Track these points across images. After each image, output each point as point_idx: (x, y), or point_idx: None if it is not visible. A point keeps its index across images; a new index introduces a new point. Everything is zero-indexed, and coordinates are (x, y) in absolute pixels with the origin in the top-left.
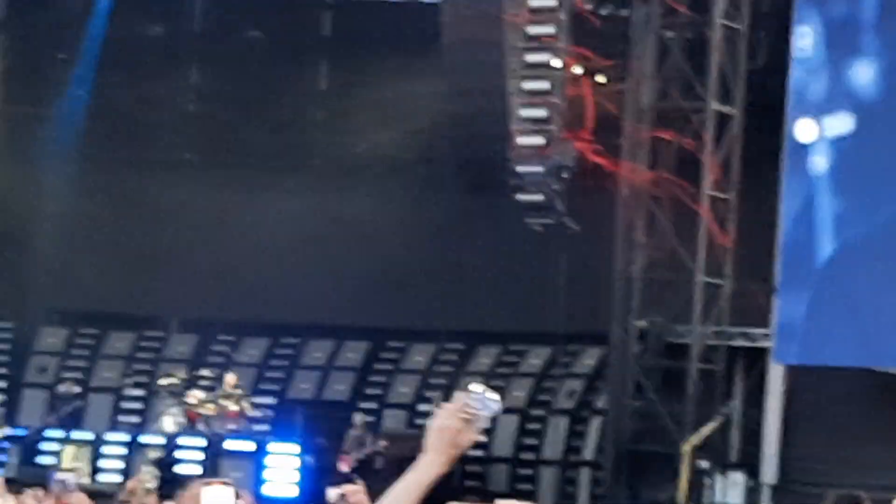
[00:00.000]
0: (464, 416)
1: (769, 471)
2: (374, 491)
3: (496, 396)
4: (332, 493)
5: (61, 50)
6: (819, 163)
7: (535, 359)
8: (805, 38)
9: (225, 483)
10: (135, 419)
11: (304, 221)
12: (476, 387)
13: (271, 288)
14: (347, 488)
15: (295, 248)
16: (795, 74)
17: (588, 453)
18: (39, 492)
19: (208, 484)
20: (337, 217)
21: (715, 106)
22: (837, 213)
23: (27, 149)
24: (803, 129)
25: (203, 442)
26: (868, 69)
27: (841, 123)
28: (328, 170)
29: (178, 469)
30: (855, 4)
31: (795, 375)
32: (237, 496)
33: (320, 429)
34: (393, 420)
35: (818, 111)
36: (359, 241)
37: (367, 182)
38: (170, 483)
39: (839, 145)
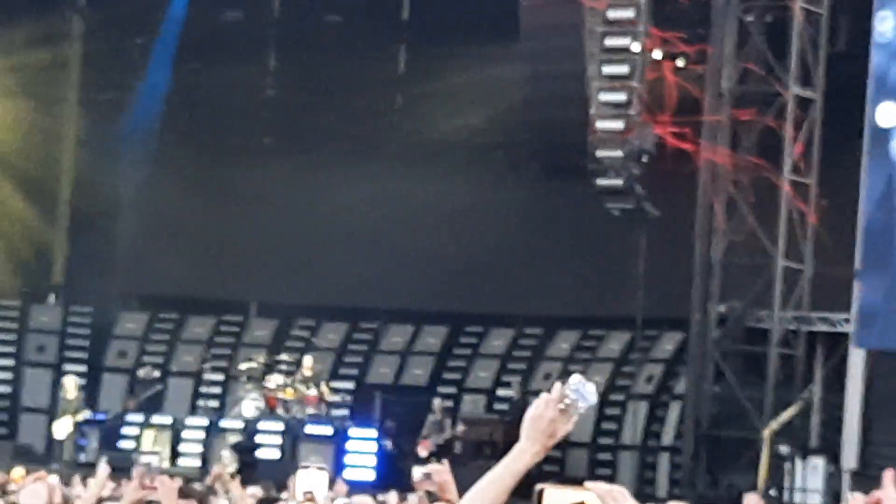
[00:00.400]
0: (561, 406)
1: (850, 456)
2: (454, 475)
3: (593, 388)
4: (417, 471)
5: (140, 35)
6: None
7: (615, 343)
8: (886, 22)
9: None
10: (214, 403)
11: (383, 206)
12: (575, 377)
13: (350, 272)
14: (433, 468)
15: (374, 232)
16: (876, 59)
17: (667, 438)
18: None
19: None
20: (415, 202)
21: (795, 90)
22: None
23: (107, 134)
24: (884, 114)
25: (282, 426)
26: None
27: None
28: (406, 154)
29: (258, 454)
30: None
31: (876, 360)
32: (332, 483)
33: (399, 413)
34: (471, 405)
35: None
36: (437, 226)
37: (446, 167)
38: (250, 467)
39: None
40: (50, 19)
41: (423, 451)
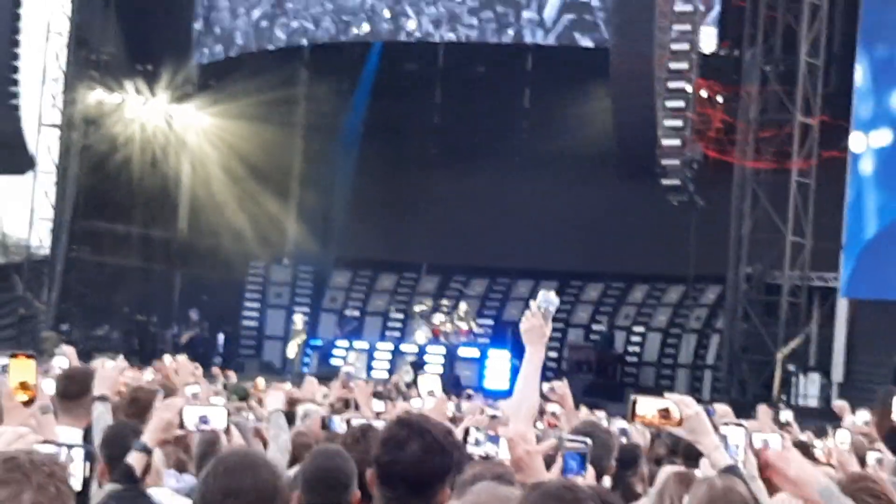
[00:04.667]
0: (539, 315)
1: (838, 373)
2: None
3: (553, 295)
4: (545, 386)
5: (347, 80)
6: (866, 167)
7: (673, 294)
8: (859, 73)
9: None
10: (397, 334)
11: (514, 198)
12: (541, 293)
13: (491, 243)
14: (555, 384)
15: (507, 216)
16: (855, 99)
17: (710, 360)
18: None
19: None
20: (537, 195)
21: (800, 118)
22: (879, 204)
23: (324, 148)
24: (855, 142)
25: (443, 350)
26: None
27: (883, 137)
28: (530, 163)
29: (427, 368)
30: (893, 48)
31: (856, 306)
32: (469, 397)
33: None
34: (574, 335)
35: (867, 127)
36: (552, 211)
37: (557, 171)
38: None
39: (881, 154)
40: (285, 68)
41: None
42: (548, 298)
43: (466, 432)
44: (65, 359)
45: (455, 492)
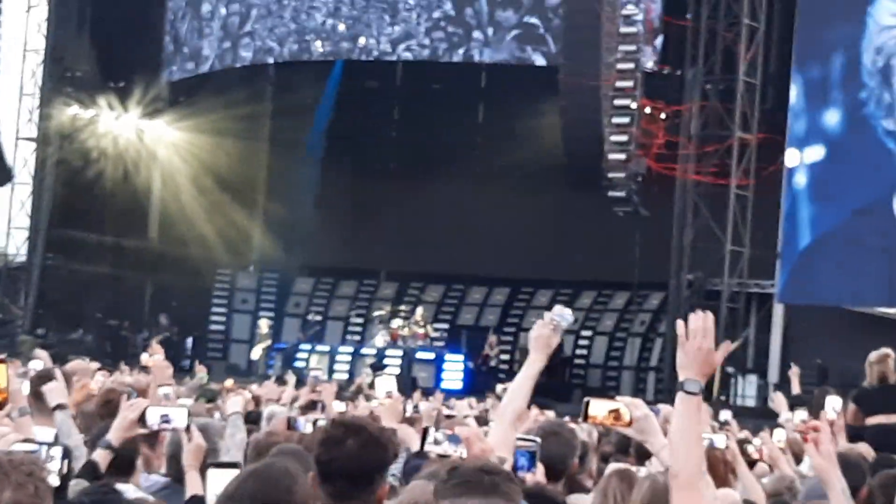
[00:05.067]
0: (551, 326)
1: (773, 374)
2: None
3: (569, 312)
4: (499, 387)
5: (310, 96)
6: (800, 181)
7: (619, 299)
8: (794, 92)
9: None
10: (357, 338)
11: (468, 208)
12: (557, 307)
13: (447, 251)
14: (508, 385)
15: (461, 225)
16: (790, 117)
17: (653, 362)
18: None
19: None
20: (489, 205)
21: (739, 134)
22: (812, 216)
23: (289, 161)
24: (790, 156)
25: (401, 353)
26: (835, 114)
27: (815, 153)
28: (483, 175)
29: (385, 371)
30: (826, 69)
31: (790, 311)
32: (424, 395)
33: (478, 345)
34: (525, 339)
35: (800, 143)
36: (502, 221)
37: (508, 183)
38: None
39: (813, 169)
40: (251, 85)
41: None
42: (562, 314)
43: (425, 432)
44: (39, 362)
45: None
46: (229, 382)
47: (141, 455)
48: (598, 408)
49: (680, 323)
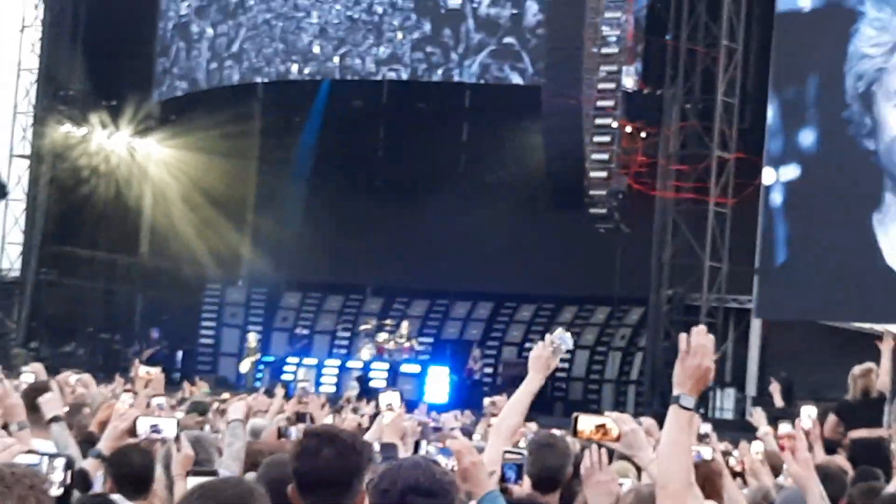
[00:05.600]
0: (551, 348)
1: (751, 387)
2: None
3: (569, 336)
4: (486, 400)
5: (298, 115)
6: (776, 199)
7: (600, 314)
8: (771, 112)
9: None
10: (344, 351)
11: (452, 225)
12: (558, 330)
13: (431, 267)
14: (496, 398)
15: (445, 241)
16: (767, 137)
17: (634, 375)
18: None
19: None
20: (474, 221)
21: (718, 153)
22: (787, 233)
23: (277, 177)
24: (767, 175)
25: (387, 366)
26: (810, 134)
27: (791, 171)
28: (466, 193)
29: (371, 383)
30: (802, 90)
31: (768, 326)
32: (404, 406)
33: (462, 359)
34: (508, 352)
35: (777, 162)
36: (487, 236)
37: (493, 200)
38: (366, 392)
39: (789, 187)
40: (240, 104)
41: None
42: (563, 337)
43: (417, 445)
44: (31, 374)
45: None
46: (225, 395)
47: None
48: (587, 423)
49: (682, 337)
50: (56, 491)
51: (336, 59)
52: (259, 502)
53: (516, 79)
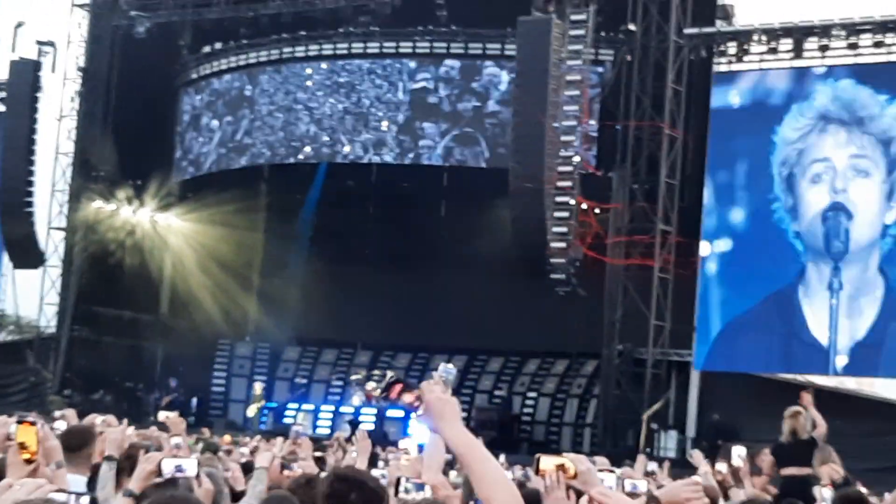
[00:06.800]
0: (439, 384)
1: (691, 429)
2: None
3: (452, 367)
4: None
5: (299, 193)
6: (711, 268)
7: (560, 366)
8: (707, 192)
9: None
10: (337, 398)
11: (433, 289)
12: (441, 365)
13: (414, 325)
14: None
15: (426, 303)
16: (703, 215)
17: (589, 419)
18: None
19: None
20: (450, 287)
21: (661, 227)
22: (721, 297)
23: (280, 246)
24: (703, 247)
25: (375, 411)
26: (740, 212)
27: (724, 244)
28: (445, 261)
29: (361, 426)
30: (732, 174)
31: (706, 376)
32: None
33: None
34: (480, 400)
35: (711, 236)
36: (461, 299)
37: (468, 269)
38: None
39: (722, 258)
40: (248, 183)
41: None
42: (447, 369)
43: (398, 481)
44: (63, 421)
45: None
46: (227, 437)
47: None
48: (548, 462)
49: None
50: None
51: (330, 145)
52: None
53: (480, 162)
